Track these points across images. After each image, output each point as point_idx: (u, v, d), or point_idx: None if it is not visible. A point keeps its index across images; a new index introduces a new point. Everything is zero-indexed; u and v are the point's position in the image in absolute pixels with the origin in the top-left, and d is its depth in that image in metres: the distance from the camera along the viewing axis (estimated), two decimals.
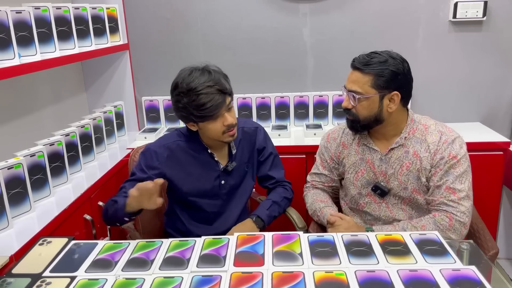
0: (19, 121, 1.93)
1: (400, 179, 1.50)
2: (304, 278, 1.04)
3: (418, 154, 1.47)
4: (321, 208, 1.62)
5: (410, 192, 1.50)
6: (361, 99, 1.43)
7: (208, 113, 1.42)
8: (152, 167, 1.53)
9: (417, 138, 1.49)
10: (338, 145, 1.63)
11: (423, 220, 1.45)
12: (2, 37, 1.49)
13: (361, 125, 1.48)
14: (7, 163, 1.50)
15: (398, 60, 1.43)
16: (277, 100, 2.52)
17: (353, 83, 1.44)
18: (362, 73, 1.42)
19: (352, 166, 1.58)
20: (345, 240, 1.22)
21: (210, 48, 2.52)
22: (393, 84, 1.42)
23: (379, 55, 1.43)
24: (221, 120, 1.46)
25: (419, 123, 1.51)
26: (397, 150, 1.50)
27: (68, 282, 1.07)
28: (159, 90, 2.58)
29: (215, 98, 1.41)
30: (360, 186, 1.58)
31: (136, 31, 2.51)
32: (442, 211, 1.43)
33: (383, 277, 1.04)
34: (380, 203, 1.56)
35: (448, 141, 1.46)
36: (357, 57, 1.46)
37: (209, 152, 1.57)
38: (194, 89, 1.40)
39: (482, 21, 2.36)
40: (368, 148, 1.55)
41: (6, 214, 1.47)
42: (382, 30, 2.43)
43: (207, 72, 1.44)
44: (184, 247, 1.21)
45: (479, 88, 2.47)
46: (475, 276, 1.04)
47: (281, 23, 2.46)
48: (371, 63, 1.41)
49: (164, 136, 1.62)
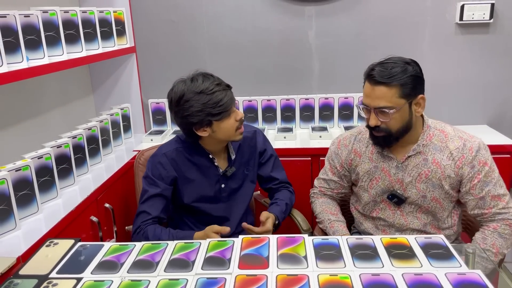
0: (27, 124, 1.95)
1: (418, 187, 1.47)
2: (308, 281, 1.04)
3: (439, 162, 1.44)
4: (331, 222, 1.60)
5: (429, 201, 1.48)
6: (394, 112, 1.37)
7: (225, 109, 1.45)
8: (161, 177, 1.55)
9: (436, 145, 1.45)
10: (350, 152, 1.59)
11: (487, 238, 1.43)
12: (10, 41, 1.51)
13: (394, 138, 1.42)
14: (15, 165, 1.52)
15: (413, 65, 1.40)
16: (282, 102, 2.52)
17: (379, 100, 1.36)
18: (387, 87, 1.35)
19: (366, 174, 1.55)
20: (350, 243, 1.22)
21: (216, 51, 2.53)
22: (417, 89, 1.39)
23: (394, 63, 1.37)
24: (234, 116, 1.49)
25: (435, 128, 1.48)
26: (415, 158, 1.46)
27: (74, 284, 1.07)
28: (166, 93, 2.55)
29: (227, 93, 1.46)
30: (375, 194, 1.55)
31: (143, 34, 2.53)
32: (499, 220, 1.44)
33: (388, 281, 1.04)
34: (394, 211, 1.54)
35: (473, 148, 1.43)
36: (374, 70, 1.37)
37: (210, 157, 1.58)
38: (206, 90, 1.43)
39: (489, 23, 2.34)
40: (383, 156, 1.51)
41: (13, 216, 1.48)
42: (388, 32, 2.42)
43: (208, 75, 1.48)
44: (189, 250, 1.21)
45: (486, 90, 2.45)
46: (481, 280, 1.03)
47: (287, 25, 2.46)
48: (394, 74, 1.35)
49: (163, 145, 1.63)
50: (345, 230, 1.57)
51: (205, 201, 1.61)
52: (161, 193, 1.54)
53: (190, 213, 1.64)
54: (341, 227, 1.58)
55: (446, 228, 1.53)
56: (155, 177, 1.55)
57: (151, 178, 1.55)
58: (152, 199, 1.54)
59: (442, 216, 1.50)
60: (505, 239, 1.43)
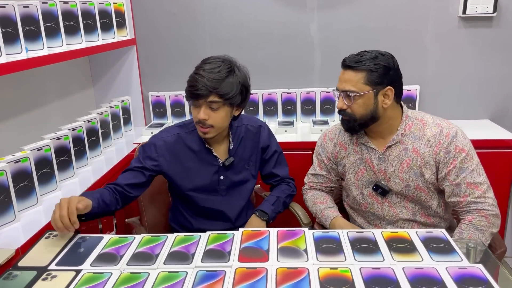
0: (27, 116, 1.94)
1: (401, 176, 1.48)
2: (308, 275, 1.03)
3: (418, 150, 1.46)
4: (322, 210, 1.61)
5: (413, 189, 1.49)
6: (356, 97, 1.42)
7: (188, 94, 1.46)
8: (150, 157, 1.55)
9: (415, 134, 1.47)
10: (335, 145, 1.61)
11: (464, 232, 1.41)
12: (9, 32, 1.49)
13: (358, 123, 1.46)
14: (14, 157, 1.51)
15: (387, 56, 1.44)
16: (283, 96, 2.51)
17: (346, 83, 1.43)
18: (354, 71, 1.41)
19: (352, 166, 1.57)
20: (350, 236, 1.22)
21: (217, 43, 2.51)
22: (386, 79, 1.41)
23: (368, 52, 1.44)
24: (197, 111, 1.46)
25: (414, 118, 1.50)
26: (395, 148, 1.48)
27: (74, 276, 1.07)
28: (166, 85, 2.58)
29: (199, 86, 1.41)
30: (362, 186, 1.56)
31: (143, 26, 2.51)
32: (474, 211, 1.42)
33: (389, 275, 1.03)
34: (382, 203, 1.55)
35: (450, 134, 1.44)
36: (347, 57, 1.46)
37: (206, 147, 1.57)
38: (198, 69, 1.46)
39: (492, 17, 2.32)
40: (366, 147, 1.53)
41: (13, 208, 1.48)
42: (391, 25, 2.40)
43: (218, 67, 1.44)
44: (189, 242, 1.21)
45: (489, 85, 2.44)
46: (482, 275, 1.02)
47: (288, 18, 2.44)
48: (362, 60, 1.41)
49: (166, 129, 1.63)
50: (335, 213, 1.58)
51: (201, 191, 1.59)
52: (138, 169, 1.54)
53: (188, 204, 1.63)
54: (331, 211, 1.59)
55: (437, 216, 1.53)
56: (144, 154, 1.55)
57: (140, 155, 1.56)
58: (128, 171, 1.54)
59: (430, 205, 1.50)
60: (482, 231, 1.40)
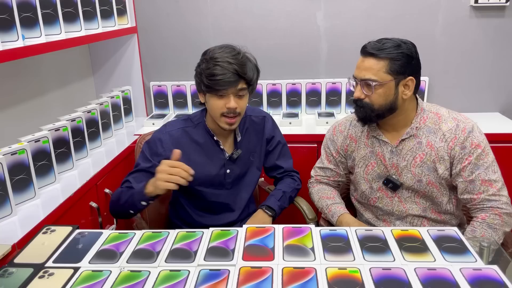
0: (24, 106, 1.90)
1: (413, 171, 1.44)
2: (316, 275, 0.99)
3: (432, 144, 1.41)
4: (329, 206, 1.57)
5: (425, 185, 1.45)
6: (377, 86, 1.36)
7: (214, 85, 1.40)
8: (156, 154, 1.50)
9: (430, 128, 1.43)
10: (345, 138, 1.57)
11: (477, 230, 1.38)
12: (5, 18, 1.44)
13: (375, 114, 1.41)
14: (10, 149, 1.47)
15: (409, 45, 1.38)
16: (288, 87, 2.45)
17: (366, 71, 1.37)
18: (376, 59, 1.35)
19: (362, 159, 1.53)
20: (359, 235, 1.17)
21: (220, 33, 2.45)
22: (408, 69, 1.36)
23: (390, 40, 1.38)
24: (225, 101, 1.42)
25: (429, 111, 1.45)
26: (409, 141, 1.44)
27: (71, 273, 1.03)
28: (168, 75, 2.53)
29: (227, 75, 1.38)
30: (371, 180, 1.52)
31: (145, 14, 2.45)
32: (487, 209, 1.38)
33: (400, 276, 0.99)
34: (392, 197, 1.51)
35: (467, 129, 1.39)
36: (368, 43, 1.39)
37: (215, 140, 1.53)
38: (215, 59, 1.40)
39: (505, 6, 2.26)
40: (378, 141, 1.49)
41: (9, 201, 1.44)
42: (400, 15, 2.34)
43: (238, 53, 1.43)
44: (191, 239, 1.17)
45: (500, 77, 2.38)
46: (498, 277, 0.98)
47: (294, 6, 2.38)
48: (385, 48, 1.35)
49: (169, 122, 1.59)
50: (342, 210, 1.54)
51: (208, 185, 1.56)
52: (149, 170, 1.49)
53: (191, 197, 1.60)
54: (338, 208, 1.55)
55: (447, 212, 1.50)
56: (151, 152, 1.51)
57: (147, 153, 1.52)
58: (140, 172, 1.50)
59: (441, 201, 1.47)
60: (495, 230, 1.37)
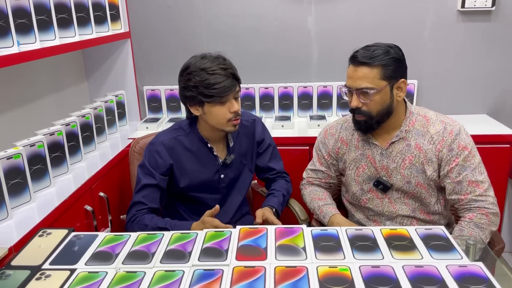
0: (19, 111, 1.90)
1: (403, 173, 1.48)
2: (307, 273, 1.02)
3: (421, 146, 1.45)
4: (320, 207, 1.60)
5: (414, 186, 1.48)
6: (374, 94, 1.39)
7: (217, 94, 1.41)
8: (158, 166, 1.53)
9: (418, 130, 1.46)
10: (336, 141, 1.60)
11: (464, 229, 1.41)
12: (0, 25, 1.45)
13: (375, 121, 1.43)
14: (6, 153, 1.48)
15: (396, 49, 1.42)
16: (280, 90, 2.48)
17: (361, 80, 1.39)
18: (369, 67, 1.38)
19: (352, 162, 1.56)
20: (349, 234, 1.20)
21: (213, 37, 2.48)
22: (399, 72, 1.40)
23: (378, 46, 1.40)
24: (228, 106, 1.45)
25: (418, 114, 1.49)
26: (398, 144, 1.47)
27: (68, 275, 1.05)
28: (161, 79, 2.55)
29: (226, 80, 1.41)
30: (362, 182, 1.55)
31: (138, 19, 2.47)
32: (475, 209, 1.42)
33: (388, 273, 1.02)
34: (382, 198, 1.54)
35: (454, 131, 1.43)
36: (357, 52, 1.41)
37: (209, 147, 1.55)
38: (208, 69, 1.41)
39: (491, 11, 2.31)
40: (368, 143, 1.52)
41: (5, 205, 1.45)
42: (389, 19, 2.38)
43: (222, 58, 1.46)
44: (185, 240, 1.19)
45: (487, 79, 2.43)
46: (482, 273, 1.01)
47: (285, 11, 2.41)
48: (375, 55, 1.38)
49: (160, 133, 1.60)
50: (333, 211, 1.57)
51: (203, 191, 1.59)
52: (156, 184, 1.52)
53: (185, 202, 1.62)
54: (330, 208, 1.58)
55: (436, 213, 1.53)
56: (151, 166, 1.52)
57: (147, 168, 1.52)
58: (147, 189, 1.52)
59: (429, 202, 1.50)
60: (482, 229, 1.40)
